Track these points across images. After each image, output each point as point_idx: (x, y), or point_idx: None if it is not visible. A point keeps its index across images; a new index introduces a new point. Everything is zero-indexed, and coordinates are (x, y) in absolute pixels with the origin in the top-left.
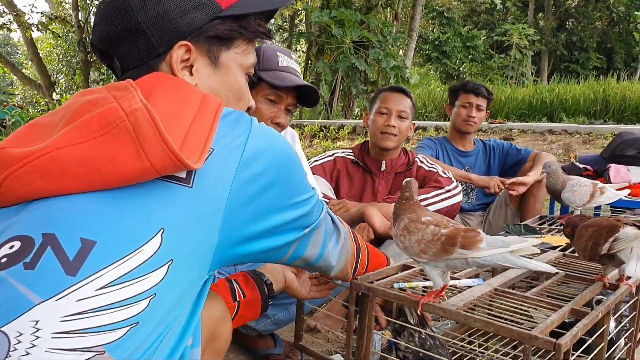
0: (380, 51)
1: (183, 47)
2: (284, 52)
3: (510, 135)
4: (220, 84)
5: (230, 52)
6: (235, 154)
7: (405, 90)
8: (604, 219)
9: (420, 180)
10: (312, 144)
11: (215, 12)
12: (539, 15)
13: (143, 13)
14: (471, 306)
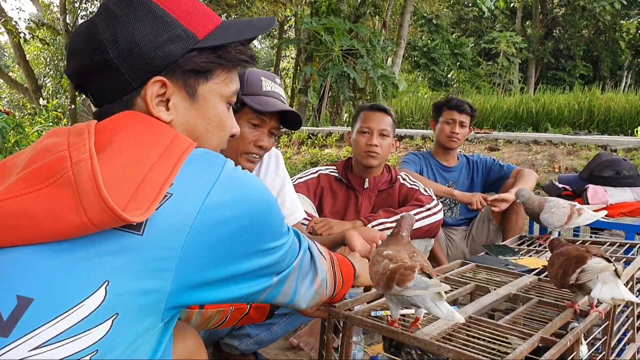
0: (369, 60)
1: (158, 83)
2: (268, 76)
3: (496, 146)
4: (198, 117)
5: (209, 83)
6: (197, 198)
7: (386, 108)
8: (575, 248)
9: (402, 198)
10: (299, 151)
11: (192, 44)
12: (526, 23)
13: (114, 48)
14: (445, 335)
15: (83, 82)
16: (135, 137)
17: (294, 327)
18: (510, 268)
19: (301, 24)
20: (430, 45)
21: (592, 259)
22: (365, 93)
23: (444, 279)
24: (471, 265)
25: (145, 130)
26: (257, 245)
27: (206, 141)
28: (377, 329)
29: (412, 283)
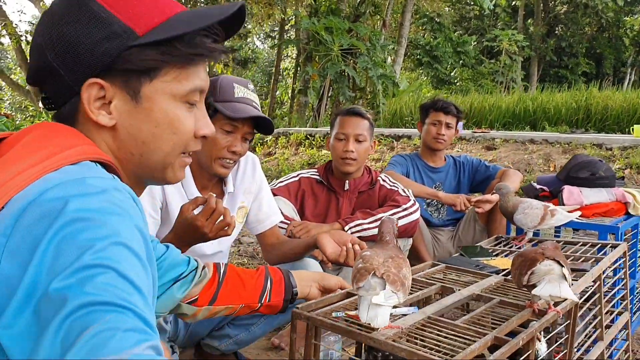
0: (369, 59)
1: (93, 86)
2: (241, 82)
3: (493, 145)
4: (143, 120)
5: (155, 82)
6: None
7: (361, 112)
8: (533, 250)
9: (381, 198)
10: (297, 152)
11: (129, 40)
12: (528, 21)
13: (52, 51)
14: (401, 335)
15: (38, 85)
16: (25, 148)
17: (272, 327)
18: (479, 269)
19: (300, 25)
20: (432, 43)
21: (543, 262)
22: (365, 92)
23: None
24: (441, 266)
25: (39, 141)
26: None
27: (156, 146)
28: (335, 329)
29: (362, 284)
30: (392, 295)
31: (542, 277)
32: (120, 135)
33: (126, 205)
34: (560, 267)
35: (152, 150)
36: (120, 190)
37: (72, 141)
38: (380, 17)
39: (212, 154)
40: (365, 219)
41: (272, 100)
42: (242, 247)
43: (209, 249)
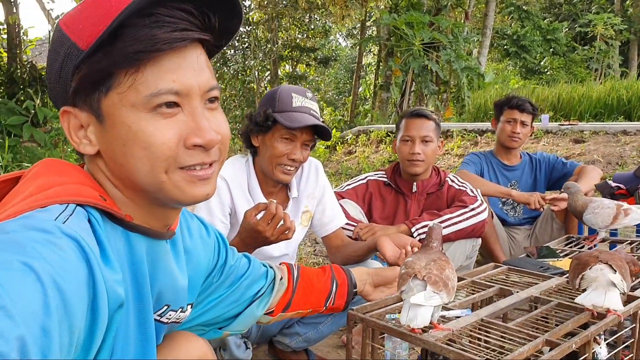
0: (452, 52)
1: (66, 115)
2: (299, 92)
3: (582, 137)
4: (112, 141)
5: (111, 95)
6: None
7: (426, 113)
8: (589, 253)
9: (450, 199)
10: (378, 149)
11: (77, 57)
12: (626, 3)
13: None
14: (452, 337)
15: None
16: (14, 191)
17: (339, 326)
18: (542, 270)
19: (381, 21)
20: (520, 32)
21: (595, 266)
22: (449, 86)
23: (470, 282)
24: (503, 268)
25: (27, 183)
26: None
27: (132, 167)
28: (388, 330)
29: (404, 287)
30: (434, 295)
31: (590, 283)
32: (106, 161)
33: (46, 251)
34: (613, 272)
35: (132, 171)
36: (52, 237)
37: (56, 180)
38: (463, 9)
39: (273, 161)
40: (433, 220)
41: (354, 97)
42: (317, 247)
43: (276, 252)
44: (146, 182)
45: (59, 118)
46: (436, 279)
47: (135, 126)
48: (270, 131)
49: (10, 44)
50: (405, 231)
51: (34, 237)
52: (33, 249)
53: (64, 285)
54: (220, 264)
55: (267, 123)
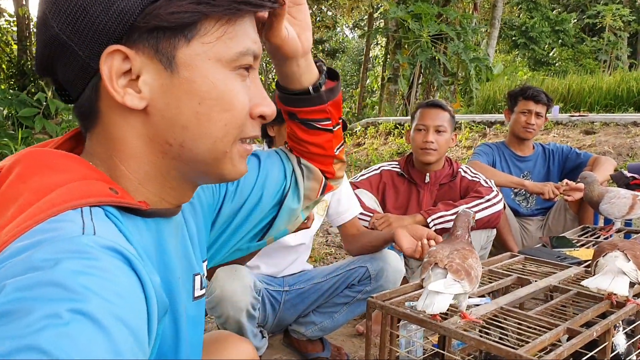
0: (460, 43)
1: (114, 55)
2: None
3: (592, 129)
4: (182, 96)
5: (194, 44)
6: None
7: (442, 104)
8: (609, 242)
9: (463, 190)
10: (386, 141)
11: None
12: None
13: (58, 19)
14: (472, 324)
15: (47, 74)
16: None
17: (354, 315)
18: (559, 260)
19: (388, 14)
20: (528, 23)
21: (611, 253)
22: (457, 77)
23: (487, 271)
24: (520, 257)
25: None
26: None
27: (201, 131)
28: (408, 317)
29: (425, 275)
30: (454, 283)
31: (602, 269)
32: (153, 120)
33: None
34: (627, 261)
35: (197, 136)
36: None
37: (52, 180)
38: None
39: None
40: (448, 210)
41: (362, 89)
42: (330, 237)
43: (293, 241)
44: (207, 150)
45: (100, 59)
46: (458, 267)
47: (221, 84)
48: (282, 125)
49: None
50: (421, 221)
51: (73, 269)
52: (78, 286)
53: (126, 317)
54: (229, 190)
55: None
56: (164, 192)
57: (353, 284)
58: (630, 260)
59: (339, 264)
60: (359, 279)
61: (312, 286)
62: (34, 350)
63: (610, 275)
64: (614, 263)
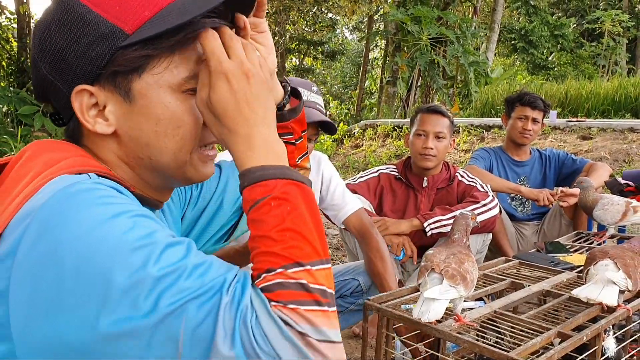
0: (459, 47)
1: (83, 93)
2: (305, 85)
3: (589, 134)
4: (141, 120)
5: (145, 77)
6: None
7: (442, 110)
8: (600, 249)
9: (460, 194)
10: (385, 143)
11: (118, 41)
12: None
13: (45, 62)
14: (466, 327)
15: (45, 101)
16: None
17: (348, 324)
18: (553, 265)
19: (388, 16)
20: (528, 27)
21: (601, 261)
22: (456, 81)
23: (482, 275)
24: (515, 262)
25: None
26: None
27: (161, 146)
28: (403, 320)
29: (421, 280)
30: (450, 289)
31: (593, 277)
32: (123, 140)
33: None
34: (616, 270)
35: (159, 150)
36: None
37: (57, 155)
38: (471, 3)
39: None
40: (445, 215)
41: (360, 91)
42: (327, 239)
43: None
44: (170, 161)
45: (72, 96)
46: (453, 272)
47: (172, 106)
48: None
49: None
50: (418, 226)
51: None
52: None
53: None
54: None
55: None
56: (148, 192)
57: (345, 294)
58: (620, 269)
59: (334, 271)
60: (352, 291)
61: None
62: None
63: (600, 285)
64: (604, 273)
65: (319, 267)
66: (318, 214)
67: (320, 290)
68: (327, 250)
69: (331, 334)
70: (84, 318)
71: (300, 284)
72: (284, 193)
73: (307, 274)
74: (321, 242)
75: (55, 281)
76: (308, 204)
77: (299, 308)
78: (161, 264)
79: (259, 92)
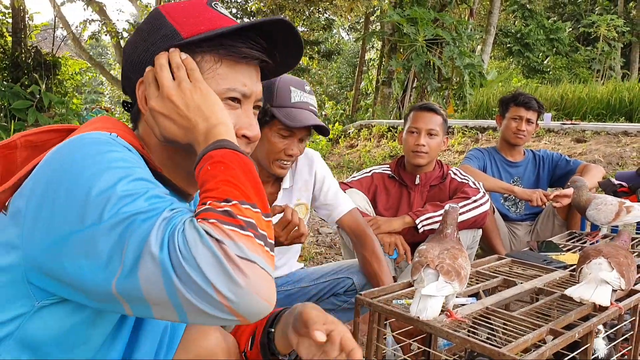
0: (455, 49)
1: (141, 85)
2: (298, 85)
3: (583, 137)
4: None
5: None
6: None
7: (435, 108)
8: (594, 247)
9: (452, 191)
10: (380, 144)
11: (175, 40)
12: (629, 5)
13: (128, 63)
14: (458, 323)
15: (126, 93)
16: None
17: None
18: (545, 263)
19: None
20: (523, 31)
21: (595, 260)
22: (451, 83)
23: (475, 272)
24: (507, 260)
25: (84, 127)
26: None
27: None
28: (395, 315)
29: (416, 277)
30: (446, 285)
31: (586, 276)
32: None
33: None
34: (610, 269)
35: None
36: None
37: (106, 125)
38: (467, 5)
39: (270, 157)
40: (436, 211)
41: (356, 91)
42: (320, 237)
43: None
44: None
45: (136, 86)
46: (449, 268)
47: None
48: (267, 125)
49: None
50: (410, 223)
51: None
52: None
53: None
54: None
55: (264, 118)
56: (179, 180)
57: (339, 292)
58: (614, 269)
59: (328, 269)
60: (345, 289)
61: (300, 289)
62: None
63: (593, 285)
64: (597, 272)
65: (247, 206)
66: (253, 174)
67: (247, 222)
68: (263, 203)
69: (254, 257)
70: (71, 223)
71: (225, 211)
72: (220, 156)
73: (234, 207)
74: (256, 194)
75: (53, 199)
76: (242, 166)
77: (221, 225)
78: (129, 186)
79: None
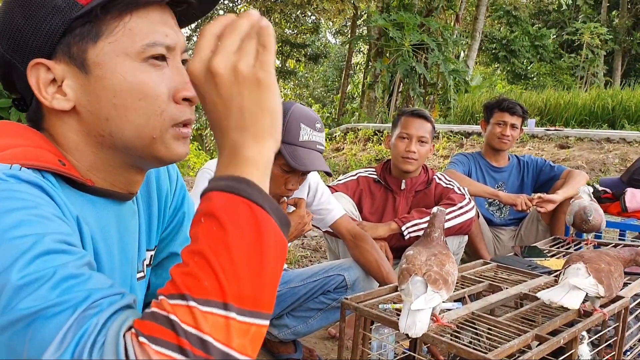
0: (440, 55)
1: (39, 67)
2: (309, 121)
3: (567, 143)
4: (99, 92)
5: (100, 44)
6: None
7: (426, 115)
8: (578, 253)
9: (437, 197)
10: (365, 147)
11: (73, 12)
12: (612, 13)
13: (4, 42)
14: (444, 328)
15: (11, 89)
16: None
17: (328, 322)
18: (530, 269)
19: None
20: (509, 37)
21: (574, 265)
22: (436, 88)
23: (460, 277)
24: (493, 265)
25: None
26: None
27: (123, 121)
28: (381, 320)
29: (404, 286)
30: (434, 295)
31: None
32: (83, 117)
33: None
34: (587, 275)
35: (120, 125)
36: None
37: (9, 142)
38: (453, 11)
39: (270, 191)
40: (422, 218)
41: (342, 95)
42: (305, 240)
43: None
44: (134, 137)
45: (27, 71)
46: (436, 276)
47: (130, 76)
48: None
49: None
50: (396, 229)
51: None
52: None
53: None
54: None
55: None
56: (112, 178)
57: (329, 290)
58: (590, 275)
59: (317, 268)
60: (335, 286)
61: (288, 290)
62: None
63: (565, 289)
64: (572, 277)
65: (210, 310)
66: (264, 249)
67: (196, 338)
68: (257, 302)
69: None
70: None
71: (169, 320)
72: (221, 209)
73: (186, 311)
74: (251, 284)
75: None
76: (251, 234)
77: (150, 345)
78: (29, 270)
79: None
